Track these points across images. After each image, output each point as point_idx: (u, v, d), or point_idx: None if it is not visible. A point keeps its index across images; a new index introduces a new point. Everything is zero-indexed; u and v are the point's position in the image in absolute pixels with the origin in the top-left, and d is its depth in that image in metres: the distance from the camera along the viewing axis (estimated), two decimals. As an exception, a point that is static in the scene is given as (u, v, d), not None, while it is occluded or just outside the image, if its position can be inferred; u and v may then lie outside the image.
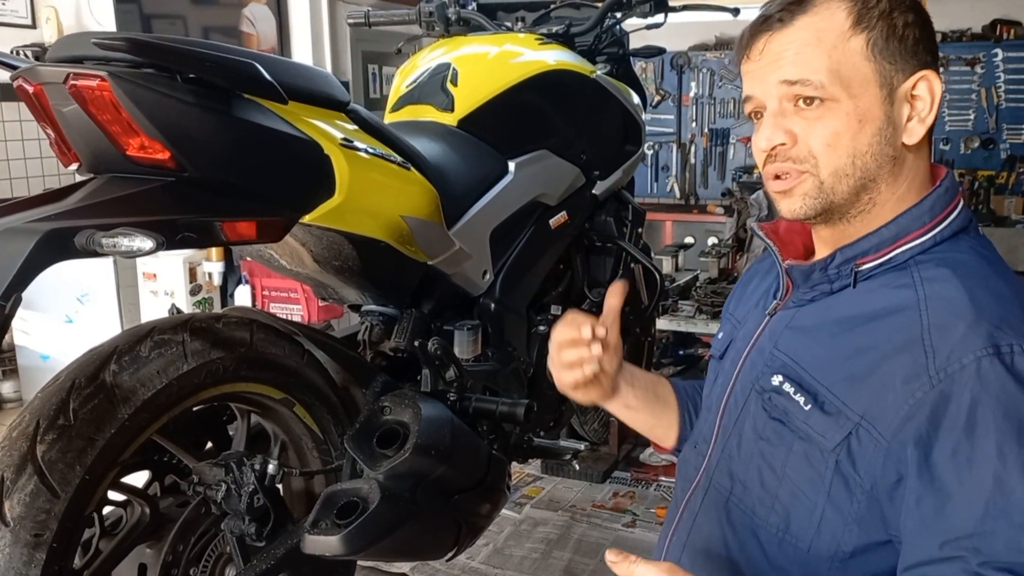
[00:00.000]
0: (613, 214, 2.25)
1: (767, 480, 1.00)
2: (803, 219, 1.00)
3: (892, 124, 0.95)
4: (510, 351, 1.87)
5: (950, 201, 0.98)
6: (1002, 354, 0.84)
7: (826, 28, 0.95)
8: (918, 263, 0.95)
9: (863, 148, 0.95)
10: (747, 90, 1.01)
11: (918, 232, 0.97)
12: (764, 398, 1.02)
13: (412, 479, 1.34)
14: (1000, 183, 5.62)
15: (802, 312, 1.04)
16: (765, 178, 1.02)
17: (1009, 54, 5.52)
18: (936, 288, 0.92)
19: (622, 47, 2.29)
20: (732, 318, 1.22)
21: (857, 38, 0.94)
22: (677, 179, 6.45)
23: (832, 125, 0.94)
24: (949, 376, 0.85)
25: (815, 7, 0.95)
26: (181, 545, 1.31)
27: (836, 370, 0.95)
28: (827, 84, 0.93)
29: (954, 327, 0.87)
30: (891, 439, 0.88)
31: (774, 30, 0.96)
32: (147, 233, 1.04)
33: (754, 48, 0.98)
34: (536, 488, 2.88)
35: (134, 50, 1.08)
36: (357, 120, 1.42)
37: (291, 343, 1.40)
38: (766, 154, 0.98)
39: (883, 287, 0.96)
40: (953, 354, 0.85)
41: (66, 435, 1.09)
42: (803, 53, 0.94)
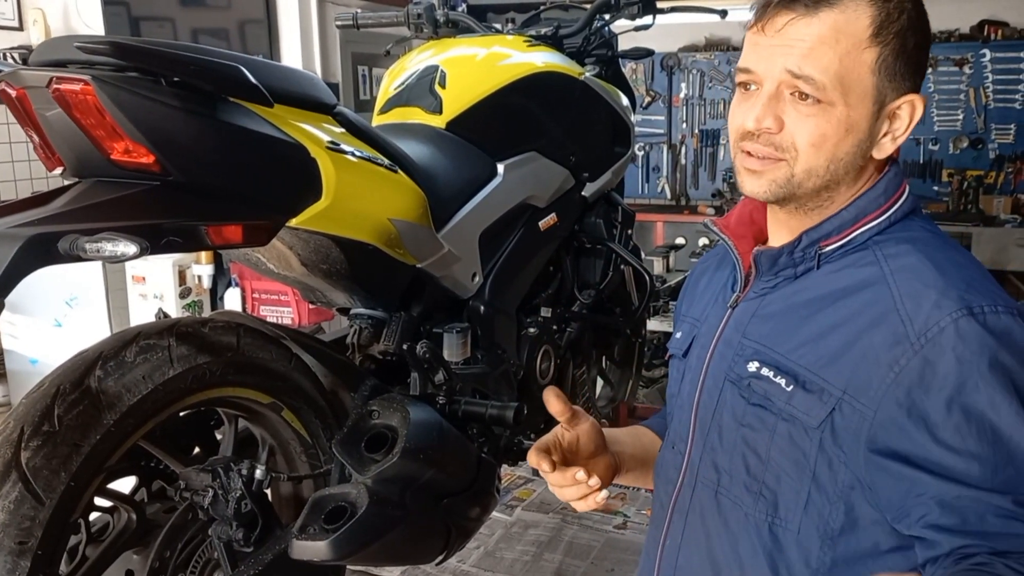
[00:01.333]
0: (603, 216, 2.25)
1: (752, 466, 1.02)
2: (761, 199, 1.02)
3: (870, 137, 0.98)
4: (500, 354, 1.86)
5: (899, 185, 1.03)
6: (975, 314, 0.88)
7: (846, 31, 0.94)
8: (877, 243, 0.99)
9: (840, 155, 0.97)
10: (748, 62, 1.00)
11: (875, 214, 1.01)
12: (741, 386, 1.03)
13: (401, 483, 1.33)
14: (989, 183, 5.64)
15: (767, 300, 1.06)
16: (739, 151, 1.02)
17: (997, 54, 5.54)
18: (900, 262, 0.95)
19: (611, 49, 2.29)
20: (688, 318, 1.23)
21: (871, 51, 0.95)
22: (668, 180, 6.46)
23: (822, 127, 0.95)
24: (930, 340, 0.88)
25: (843, 4, 0.95)
26: (168, 551, 1.30)
27: (812, 349, 0.97)
28: (829, 88, 0.94)
29: (926, 294, 0.91)
30: (877, 408, 0.90)
31: (798, 14, 0.95)
32: (131, 238, 1.04)
33: (772, 23, 0.96)
34: (527, 490, 2.87)
35: (118, 54, 1.07)
36: (344, 123, 1.41)
37: (279, 347, 1.39)
38: (748, 131, 0.99)
39: (847, 267, 0.99)
40: (931, 318, 0.89)
41: (51, 441, 1.08)
42: (818, 50, 0.94)
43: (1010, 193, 5.60)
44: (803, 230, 1.02)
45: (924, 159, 5.82)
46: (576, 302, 2.18)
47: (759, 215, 1.15)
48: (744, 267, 1.11)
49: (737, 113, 1.01)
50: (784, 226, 1.07)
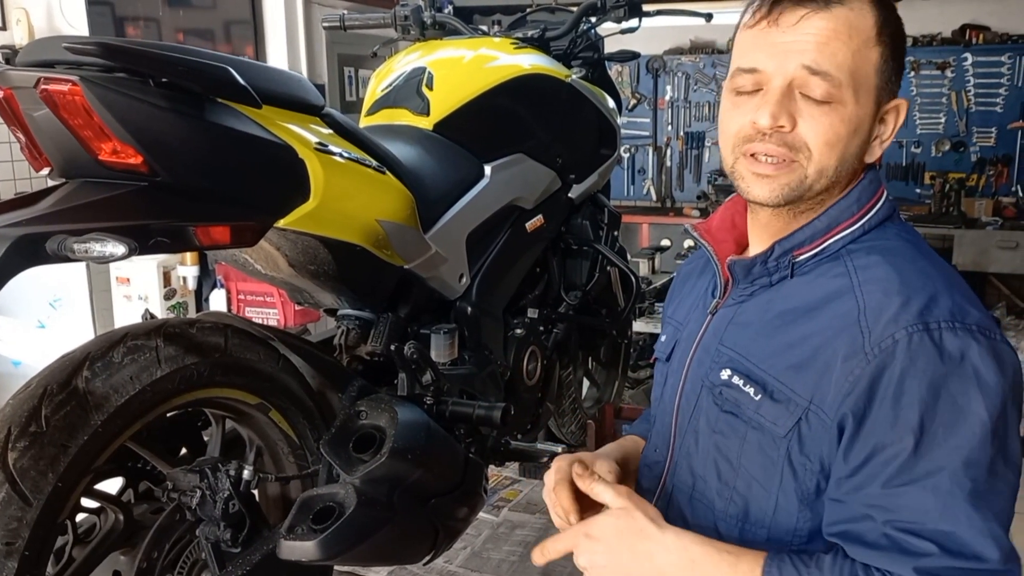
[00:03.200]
0: (589, 217, 2.26)
1: (724, 472, 1.03)
2: (771, 204, 1.00)
3: (868, 141, 0.99)
4: (487, 354, 1.87)
5: (875, 192, 1.02)
6: (930, 329, 0.88)
7: (857, 27, 0.95)
8: (850, 252, 0.99)
9: (848, 156, 0.97)
10: (755, 61, 0.97)
11: (848, 222, 1.00)
12: (715, 393, 1.05)
13: (388, 483, 1.34)
14: (971, 185, 5.69)
15: (743, 308, 1.06)
16: (743, 152, 0.99)
17: (978, 58, 5.59)
18: (869, 273, 0.96)
19: (597, 51, 2.30)
20: (672, 320, 1.25)
21: (875, 49, 0.96)
22: (653, 182, 6.48)
23: (836, 125, 0.95)
24: (883, 351, 0.89)
25: (850, 3, 0.95)
26: (155, 552, 1.30)
27: (781, 359, 0.98)
28: (844, 84, 0.94)
29: (887, 306, 0.91)
30: (834, 417, 0.92)
31: (811, 9, 0.94)
32: (119, 238, 1.04)
33: (786, 16, 0.95)
34: (514, 491, 2.88)
35: (106, 54, 1.07)
36: (332, 124, 1.42)
37: (266, 348, 1.39)
38: (760, 132, 0.96)
39: (819, 277, 1.00)
40: (886, 331, 0.90)
41: (38, 442, 1.08)
42: (833, 45, 0.94)
43: (991, 196, 5.65)
44: (776, 238, 1.02)
45: (906, 162, 5.86)
46: (563, 303, 2.19)
47: (740, 219, 1.15)
48: (723, 273, 1.10)
49: (736, 116, 0.99)
50: (765, 230, 1.06)
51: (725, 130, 1.02)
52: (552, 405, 2.23)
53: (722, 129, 1.03)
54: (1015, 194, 5.63)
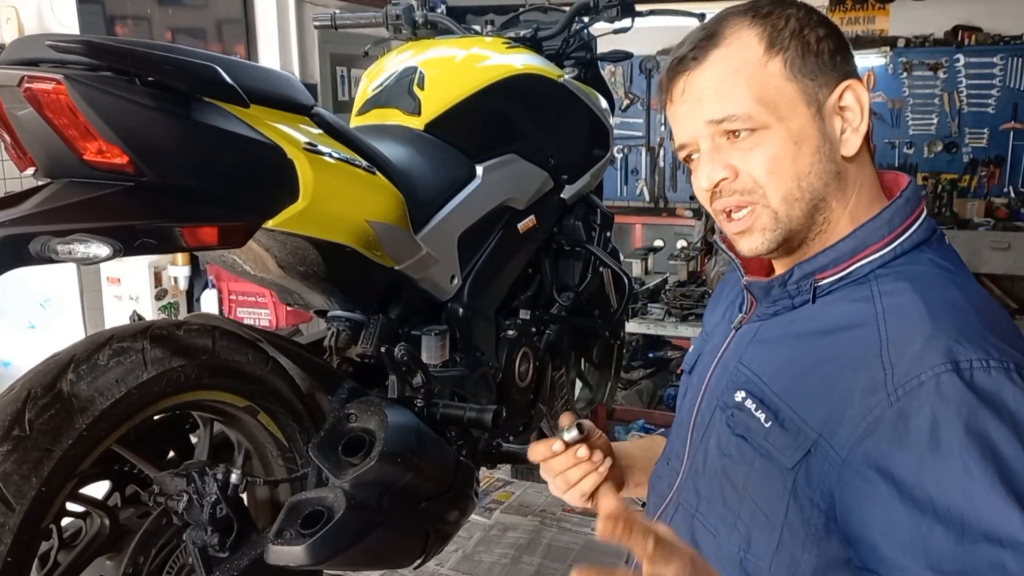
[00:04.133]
0: (581, 218, 2.25)
1: (729, 498, 0.98)
2: (766, 255, 0.99)
3: (828, 140, 0.95)
4: (478, 356, 1.86)
5: (911, 212, 0.96)
6: (961, 370, 0.82)
7: (740, 58, 0.94)
8: (878, 277, 0.93)
9: (805, 169, 0.94)
10: (678, 137, 1.00)
11: (877, 245, 0.95)
12: (728, 414, 1.00)
13: (378, 487, 1.33)
14: (963, 186, 5.71)
15: (765, 325, 1.02)
16: (717, 219, 1.00)
17: (971, 59, 5.61)
18: (893, 301, 0.90)
19: (590, 51, 2.30)
20: (704, 332, 1.21)
21: (774, 61, 0.94)
22: (646, 182, 6.48)
23: (769, 151, 0.93)
24: (908, 393, 0.83)
25: (725, 39, 0.95)
26: (142, 557, 1.28)
27: (796, 385, 0.93)
28: (754, 114, 0.93)
29: (911, 342, 0.85)
30: (847, 455, 0.85)
31: (690, 69, 0.96)
32: (104, 239, 1.02)
33: (674, 90, 0.98)
34: (506, 493, 2.87)
35: (91, 53, 1.06)
36: (321, 124, 1.40)
37: (255, 350, 1.38)
38: (710, 193, 0.97)
39: (841, 300, 0.94)
40: (911, 370, 0.83)
41: (21, 446, 1.06)
42: (723, 88, 0.94)
43: (984, 197, 5.67)
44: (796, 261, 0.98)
45: (899, 163, 5.88)
46: (555, 304, 2.18)
47: None
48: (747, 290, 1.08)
49: (695, 184, 1.00)
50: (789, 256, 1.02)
51: (700, 200, 1.03)
52: (544, 407, 2.22)
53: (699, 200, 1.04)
54: (1007, 195, 5.65)
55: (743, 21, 0.96)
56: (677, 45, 0.99)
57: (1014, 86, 5.54)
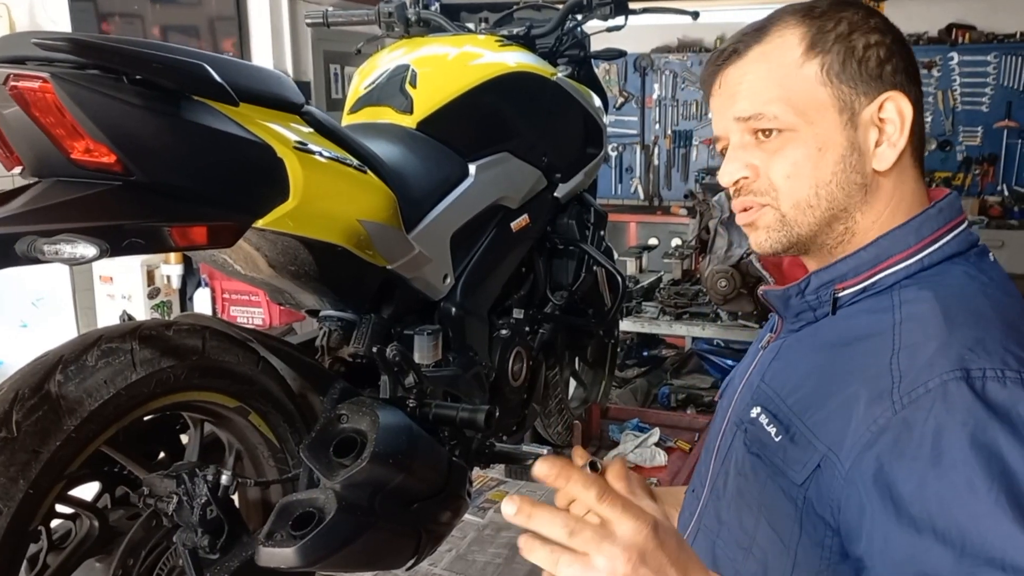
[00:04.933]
0: (575, 217, 2.25)
1: (746, 521, 0.95)
2: (772, 253, 0.98)
3: (857, 150, 0.91)
4: (471, 356, 1.85)
5: (945, 223, 0.92)
6: (972, 378, 0.77)
7: (778, 57, 0.93)
8: (902, 287, 0.89)
9: (826, 177, 0.91)
10: (714, 129, 1.01)
11: (901, 255, 0.90)
12: (743, 431, 0.98)
13: (370, 488, 1.32)
14: (957, 184, 5.73)
15: (788, 342, 1.00)
16: (735, 211, 1.00)
17: (964, 57, 5.63)
18: (912, 309, 0.86)
19: (583, 49, 2.29)
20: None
21: (811, 64, 0.91)
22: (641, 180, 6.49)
23: (792, 155, 0.91)
24: (913, 401, 0.79)
25: (769, 35, 0.94)
26: (132, 559, 1.27)
27: (809, 399, 0.90)
28: (781, 115, 0.91)
29: (923, 348, 0.81)
30: (850, 467, 0.82)
31: (729, 63, 0.95)
32: (91, 239, 1.01)
33: (714, 83, 0.98)
34: (499, 493, 2.86)
35: (78, 51, 1.04)
36: (312, 122, 1.39)
37: (245, 350, 1.37)
38: (732, 189, 0.97)
39: (863, 312, 0.91)
40: (919, 377, 0.79)
41: (8, 448, 1.05)
42: (754, 86, 0.93)
43: (977, 195, 5.70)
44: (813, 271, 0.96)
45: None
46: (548, 303, 2.18)
47: None
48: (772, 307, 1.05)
49: (720, 178, 0.99)
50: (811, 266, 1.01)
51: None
52: (538, 406, 2.22)
53: None
54: (1001, 193, 5.68)
55: (793, 19, 0.94)
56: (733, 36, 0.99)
57: (1008, 84, 5.57)
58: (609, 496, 0.68)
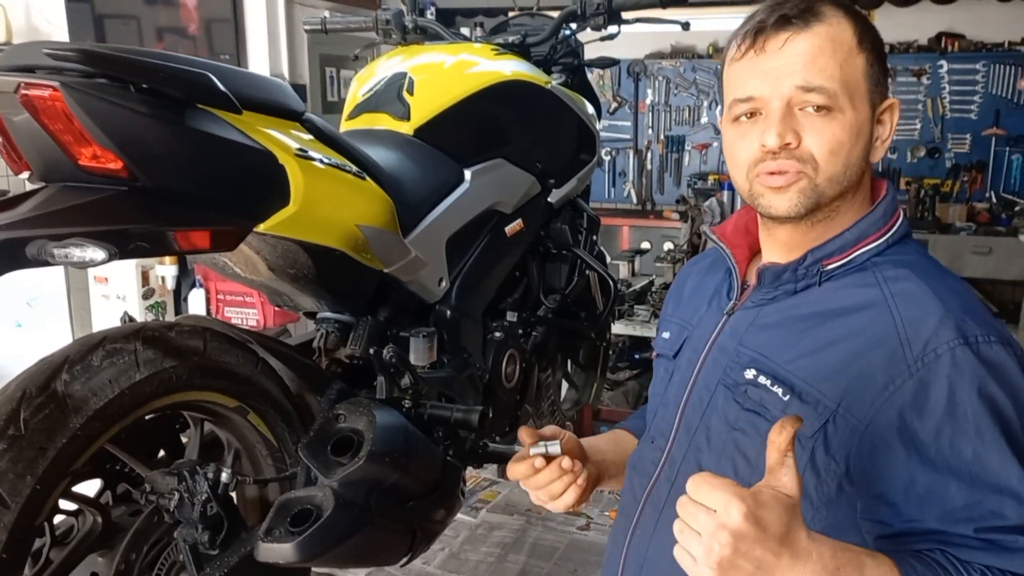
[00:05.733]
0: (568, 222, 2.28)
1: (741, 469, 1.05)
2: (788, 216, 1.03)
3: (871, 142, 1.03)
4: (466, 358, 1.88)
5: (895, 210, 1.08)
6: (970, 343, 0.92)
7: (840, 40, 1.00)
8: (876, 264, 1.03)
9: (854, 160, 1.01)
10: (751, 89, 1.02)
11: (875, 236, 1.05)
12: (737, 392, 1.07)
13: (367, 486, 1.35)
14: (945, 191, 5.78)
15: (765, 311, 1.09)
16: (756, 174, 1.03)
17: (953, 66, 5.68)
18: (900, 286, 0.99)
19: (577, 58, 2.33)
20: (675, 319, 1.27)
21: (860, 56, 1.01)
22: (634, 185, 6.53)
23: (838, 134, 0.99)
24: (926, 365, 0.93)
25: (828, 19, 1.00)
26: (134, 554, 1.30)
27: (810, 362, 1.01)
28: (839, 94, 0.99)
29: (925, 320, 0.95)
30: (870, 422, 0.95)
31: (796, 29, 0.99)
32: (99, 243, 1.04)
33: (771, 42, 1.00)
34: (492, 492, 2.90)
35: (86, 60, 1.08)
36: (312, 130, 1.43)
37: (245, 351, 1.40)
38: (767, 152, 1.00)
39: (848, 287, 1.03)
40: (928, 345, 0.93)
41: (16, 445, 1.08)
42: (820, 60, 0.98)
43: (965, 201, 5.74)
44: (808, 248, 1.05)
45: (883, 167, 5.94)
46: (542, 307, 2.21)
47: (753, 226, 1.18)
48: (741, 275, 1.15)
49: (743, 143, 1.03)
50: (783, 243, 1.09)
51: (735, 159, 1.06)
52: (531, 407, 2.25)
53: (732, 160, 1.07)
54: (989, 200, 5.73)
55: (840, 11, 1.01)
56: (772, 3, 1.02)
57: (996, 92, 5.62)
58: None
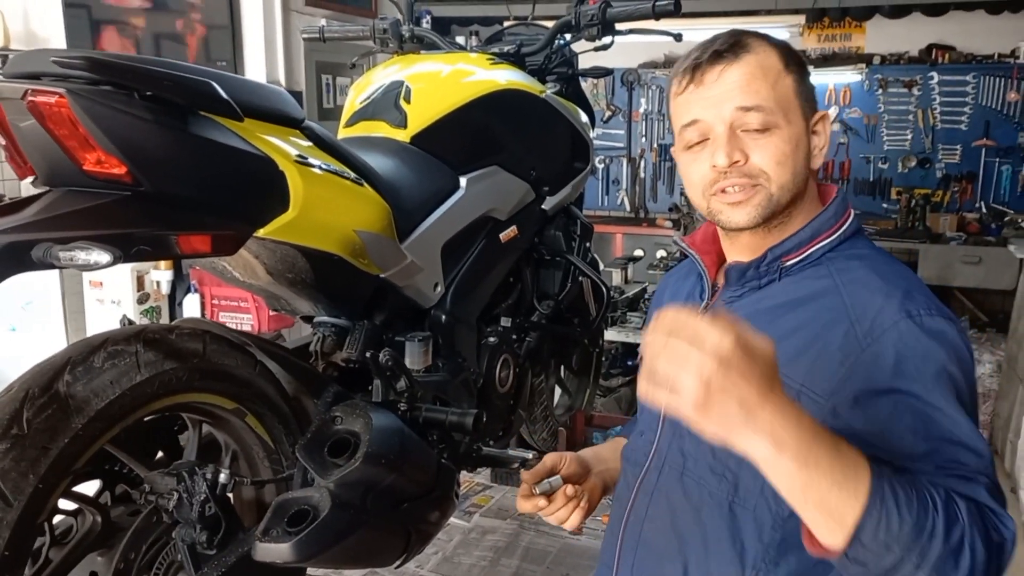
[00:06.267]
0: (562, 229, 2.31)
1: (717, 450, 1.13)
2: (748, 226, 1.14)
3: (809, 151, 1.14)
4: (460, 362, 1.90)
5: (845, 210, 1.19)
6: (913, 317, 1.03)
7: (768, 65, 1.12)
8: (830, 258, 1.14)
9: (799, 168, 1.12)
10: (694, 114, 1.14)
11: (828, 233, 1.16)
12: None
13: (362, 487, 1.37)
14: (936, 201, 5.82)
15: (734, 307, 1.19)
16: (712, 193, 1.14)
17: (944, 77, 5.74)
18: (849, 275, 1.11)
19: (571, 67, 2.36)
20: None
21: (788, 77, 1.13)
22: (627, 193, 6.56)
23: (781, 146, 1.11)
24: (875, 340, 1.03)
25: (754, 48, 1.13)
26: (132, 553, 1.32)
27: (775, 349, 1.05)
28: (775, 112, 1.10)
29: (872, 301, 1.06)
30: (830, 396, 1.04)
31: (728, 61, 1.11)
32: (103, 247, 1.07)
33: (708, 74, 1.12)
34: (485, 497, 2.92)
35: (92, 68, 1.10)
36: (311, 137, 1.45)
37: (243, 354, 1.42)
38: (720, 171, 1.12)
39: (804, 279, 1.14)
40: (876, 322, 1.04)
41: (20, 444, 1.10)
42: (753, 84, 1.10)
43: (956, 211, 5.79)
44: (767, 247, 1.16)
45: (874, 177, 5.99)
46: (535, 312, 2.23)
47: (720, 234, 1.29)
48: (711, 278, 1.26)
49: (696, 166, 1.15)
50: (745, 247, 1.20)
51: (691, 182, 1.18)
52: (524, 412, 2.27)
53: (688, 183, 1.19)
54: (979, 210, 5.77)
55: (763, 41, 1.15)
56: (705, 42, 1.15)
57: (986, 104, 5.67)
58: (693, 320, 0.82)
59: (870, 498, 0.85)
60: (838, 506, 0.85)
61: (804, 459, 0.83)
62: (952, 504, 0.90)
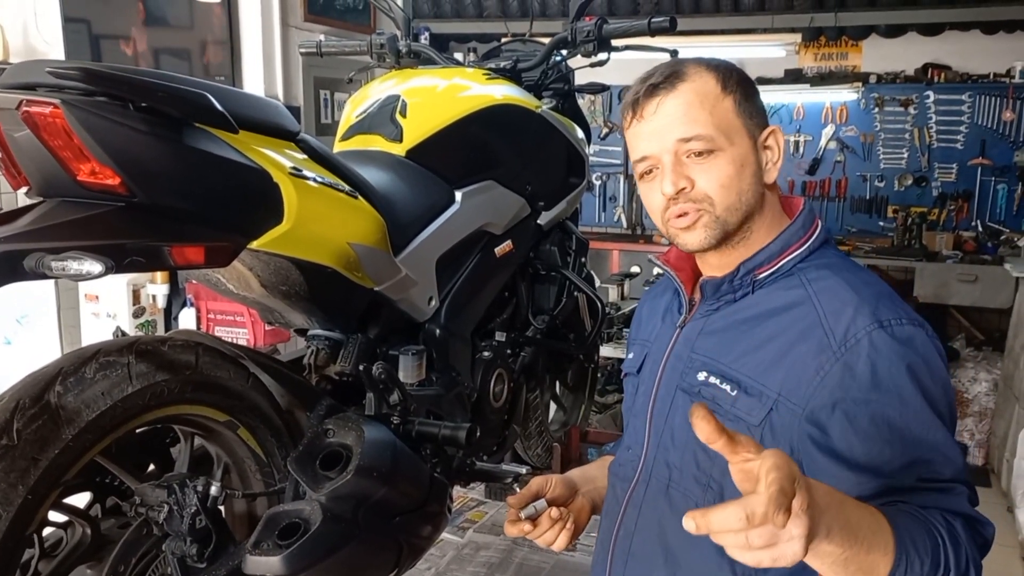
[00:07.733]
0: (557, 244, 2.31)
1: (701, 461, 1.17)
2: (701, 248, 1.18)
3: (760, 168, 1.17)
4: (454, 376, 1.90)
5: (812, 221, 1.23)
6: (884, 326, 1.06)
7: (704, 91, 1.15)
8: (801, 269, 1.18)
9: (746, 187, 1.15)
10: (643, 150, 1.19)
11: (797, 244, 1.19)
12: (692, 392, 1.19)
13: (354, 501, 1.36)
14: (932, 219, 5.84)
15: (711, 320, 1.22)
16: (667, 219, 1.19)
17: (940, 96, 5.77)
18: (821, 284, 1.14)
19: (567, 83, 2.37)
20: (638, 340, 1.42)
21: (727, 99, 1.15)
22: (624, 209, 6.57)
23: (723, 169, 1.14)
24: (849, 349, 1.06)
25: (690, 76, 1.16)
26: (122, 566, 1.31)
27: (751, 359, 1.13)
28: (714, 136, 1.13)
29: (844, 311, 1.09)
30: (806, 405, 1.07)
31: (663, 94, 1.15)
32: (96, 257, 1.07)
33: (647, 108, 1.16)
34: (479, 513, 2.90)
35: (87, 79, 1.10)
36: (306, 149, 1.46)
37: (236, 366, 1.41)
38: (668, 199, 1.16)
39: (777, 290, 1.18)
40: (849, 331, 1.07)
41: (9, 455, 1.10)
42: (691, 112, 1.14)
43: (952, 230, 5.81)
44: (739, 262, 1.19)
45: (870, 195, 6.01)
46: (530, 327, 2.23)
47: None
48: (687, 293, 1.30)
49: (652, 195, 1.20)
50: (715, 266, 1.23)
51: (650, 208, 1.22)
52: (518, 428, 2.27)
53: (648, 209, 1.23)
54: (975, 228, 5.79)
55: (701, 67, 1.18)
56: (644, 75, 1.20)
57: (982, 123, 5.70)
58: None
59: (896, 553, 0.89)
60: (872, 567, 0.89)
61: (849, 542, 0.86)
62: (953, 530, 0.95)
